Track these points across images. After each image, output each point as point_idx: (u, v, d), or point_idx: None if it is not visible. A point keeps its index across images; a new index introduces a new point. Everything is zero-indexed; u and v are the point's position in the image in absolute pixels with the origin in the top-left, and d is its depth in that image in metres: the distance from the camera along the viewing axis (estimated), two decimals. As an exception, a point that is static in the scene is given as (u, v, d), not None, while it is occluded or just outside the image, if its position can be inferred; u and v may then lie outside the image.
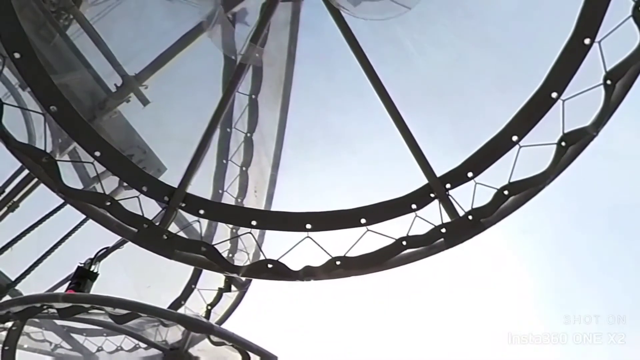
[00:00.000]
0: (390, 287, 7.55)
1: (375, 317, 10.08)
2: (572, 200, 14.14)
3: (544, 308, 18.93)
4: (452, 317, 10.50)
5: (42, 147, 3.41)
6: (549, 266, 16.53)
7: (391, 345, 10.82)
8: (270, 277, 3.22)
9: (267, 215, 3.43)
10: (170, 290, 6.16)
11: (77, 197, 3.62)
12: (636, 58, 3.28)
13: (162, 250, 3.58)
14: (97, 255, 5.04)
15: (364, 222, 3.21)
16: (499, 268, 14.74)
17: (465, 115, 4.65)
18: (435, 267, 3.89)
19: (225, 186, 4.67)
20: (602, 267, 17.69)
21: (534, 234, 14.36)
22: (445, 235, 3.14)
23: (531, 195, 3.42)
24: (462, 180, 3.31)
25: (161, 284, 6.18)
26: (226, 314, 5.21)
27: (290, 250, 3.25)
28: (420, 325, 9.90)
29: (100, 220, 3.65)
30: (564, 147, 3.50)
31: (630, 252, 14.12)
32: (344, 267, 3.11)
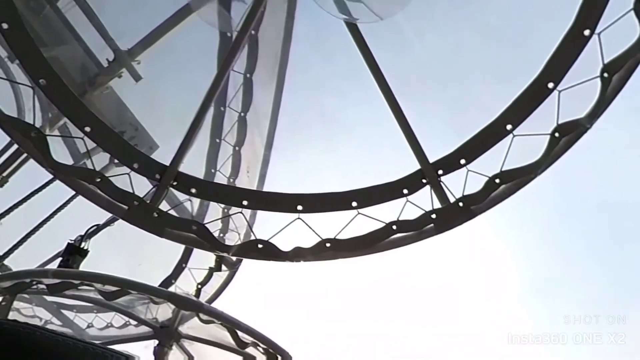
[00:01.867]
0: (378, 270, 7.65)
1: (363, 300, 10.21)
2: (562, 194, 14.29)
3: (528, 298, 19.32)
4: (438, 301, 10.67)
5: (32, 122, 3.35)
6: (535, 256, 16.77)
7: (378, 325, 11.01)
8: (260, 257, 3.22)
9: (259, 195, 3.42)
10: (161, 269, 6.18)
11: (67, 172, 3.58)
12: (634, 52, 3.27)
13: (153, 228, 3.56)
14: (87, 232, 5.01)
15: (355, 205, 3.21)
16: (487, 255, 14.98)
17: (462, 102, 4.63)
18: (425, 252, 3.93)
19: (218, 166, 4.64)
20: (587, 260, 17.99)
21: (523, 224, 14.57)
22: (435, 221, 3.15)
23: (522, 184, 3.44)
24: (454, 167, 3.32)
25: (152, 262, 6.19)
26: (216, 293, 5.24)
27: (281, 231, 3.25)
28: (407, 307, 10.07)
29: (90, 196, 3.61)
30: (557, 138, 3.51)
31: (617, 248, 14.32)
32: (333, 249, 3.13)
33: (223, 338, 4.58)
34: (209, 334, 4.81)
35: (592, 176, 14.25)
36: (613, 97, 3.52)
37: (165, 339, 4.75)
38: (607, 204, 15.05)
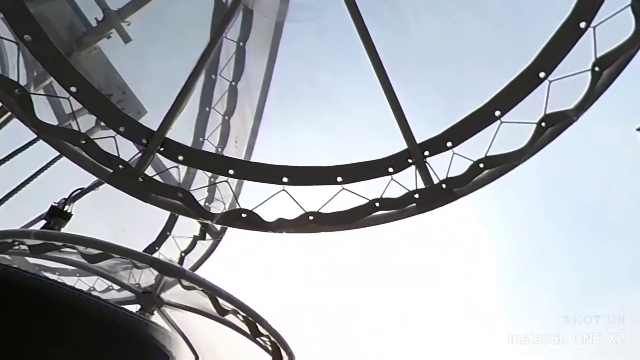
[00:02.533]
0: (363, 244, 7.84)
1: (345, 272, 10.48)
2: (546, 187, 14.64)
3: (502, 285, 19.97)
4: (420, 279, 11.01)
5: (15, 79, 3.26)
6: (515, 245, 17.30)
7: (358, 298, 11.34)
8: (244, 227, 3.25)
9: (245, 165, 3.42)
10: (144, 236, 6.19)
11: (51, 133, 3.52)
12: (627, 48, 3.30)
13: (138, 193, 3.55)
14: (71, 195, 4.98)
15: (340, 180, 3.23)
16: (469, 241, 15.38)
17: (454, 86, 4.64)
18: (414, 234, 3.98)
19: (206, 135, 4.61)
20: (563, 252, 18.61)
21: (506, 214, 14.92)
22: (417, 201, 3.20)
23: (506, 170, 3.50)
24: (440, 149, 3.35)
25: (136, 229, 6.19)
26: (199, 261, 5.29)
27: (265, 202, 3.28)
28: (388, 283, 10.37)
29: (74, 158, 3.57)
30: (543, 127, 3.56)
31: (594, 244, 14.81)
32: (316, 222, 3.17)
33: (205, 306, 4.65)
34: (191, 302, 4.88)
35: (577, 172, 14.58)
36: (601, 91, 3.56)
37: (147, 304, 4.81)
38: (589, 199, 15.48)
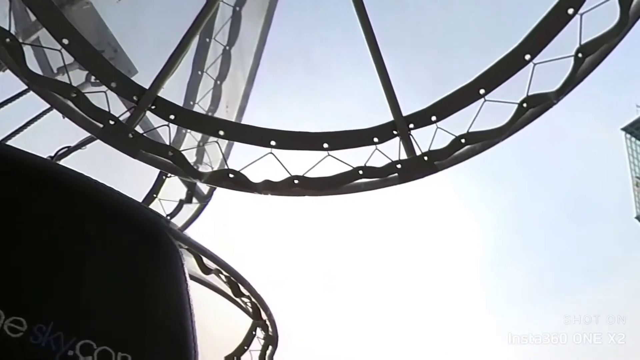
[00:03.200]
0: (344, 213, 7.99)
1: (327, 244, 10.79)
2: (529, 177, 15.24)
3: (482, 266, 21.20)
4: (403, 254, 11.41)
5: (7, 28, 3.23)
6: (497, 228, 18.24)
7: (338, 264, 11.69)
8: (231, 187, 3.34)
9: (235, 127, 3.48)
10: (131, 198, 6.20)
11: (42, 84, 3.51)
12: (610, 37, 3.41)
13: (128, 149, 3.59)
14: (57, 153, 4.96)
15: (326, 146, 3.33)
16: (455, 223, 16.04)
17: (444, 62, 4.73)
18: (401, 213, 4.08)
19: (197, 98, 4.62)
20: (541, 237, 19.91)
21: (491, 200, 15.61)
22: (399, 171, 3.33)
23: (485, 147, 3.63)
24: (425, 122, 3.46)
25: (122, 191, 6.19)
26: (185, 224, 5.36)
27: (253, 165, 3.37)
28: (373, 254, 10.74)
29: (64, 111, 3.58)
30: (524, 108, 3.69)
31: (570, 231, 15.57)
32: (301, 186, 3.28)
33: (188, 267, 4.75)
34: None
35: (562, 164, 15.17)
36: (582, 77, 3.69)
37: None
38: (571, 190, 16.22)
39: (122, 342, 1.29)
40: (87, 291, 1.41)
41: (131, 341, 1.33)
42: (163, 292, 1.67)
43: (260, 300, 4.21)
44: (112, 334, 1.32)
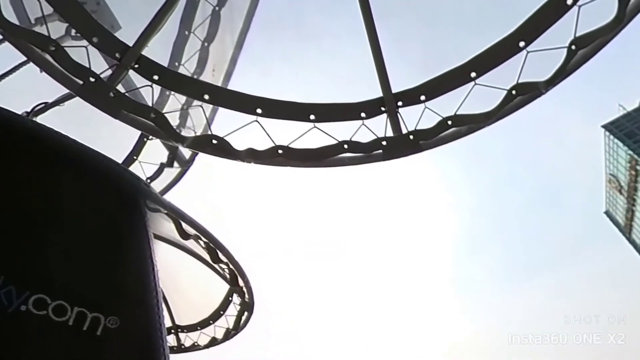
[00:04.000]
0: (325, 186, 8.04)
1: (306, 216, 10.90)
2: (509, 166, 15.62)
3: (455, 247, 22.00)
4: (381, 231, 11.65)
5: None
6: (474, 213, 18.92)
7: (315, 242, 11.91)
8: (214, 153, 3.29)
9: (221, 92, 3.39)
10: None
11: (19, 35, 3.34)
12: (605, 32, 3.41)
13: (108, 109, 3.48)
14: (34, 109, 4.79)
15: (312, 118, 3.29)
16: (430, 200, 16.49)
17: (438, 42, 4.67)
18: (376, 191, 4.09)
19: (183, 59, 4.46)
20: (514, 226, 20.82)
21: (471, 184, 16.07)
22: (384, 148, 3.32)
23: (471, 130, 3.65)
24: (414, 101, 3.45)
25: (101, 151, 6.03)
26: (165, 188, 5.29)
27: (237, 132, 3.31)
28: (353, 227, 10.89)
29: (42, 65, 3.42)
30: (513, 95, 3.70)
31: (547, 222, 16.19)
32: (285, 157, 3.25)
33: (168, 232, 4.73)
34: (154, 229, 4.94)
35: (543, 156, 15.60)
36: (573, 70, 3.71)
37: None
38: (550, 182, 16.80)
39: (79, 297, 1.27)
40: (48, 248, 1.38)
41: (89, 297, 1.31)
42: (126, 251, 1.65)
43: (238, 267, 4.24)
44: (68, 289, 1.30)
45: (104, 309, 1.31)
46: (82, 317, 1.25)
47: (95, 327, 1.26)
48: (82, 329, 1.24)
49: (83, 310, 1.25)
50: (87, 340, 1.23)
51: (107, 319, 1.31)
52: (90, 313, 1.27)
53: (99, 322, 1.28)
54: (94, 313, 1.27)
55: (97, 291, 1.39)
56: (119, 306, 1.39)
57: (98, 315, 1.26)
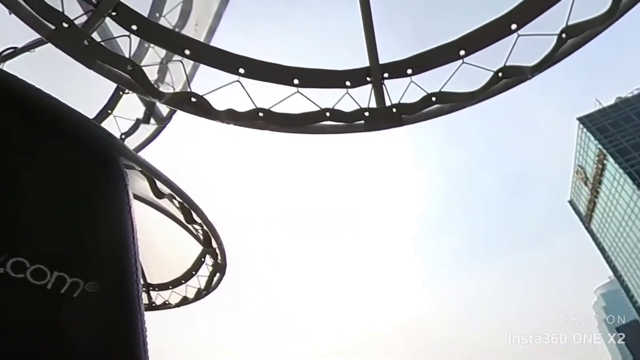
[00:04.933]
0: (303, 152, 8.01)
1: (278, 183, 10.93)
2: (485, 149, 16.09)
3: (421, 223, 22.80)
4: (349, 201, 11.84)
5: None
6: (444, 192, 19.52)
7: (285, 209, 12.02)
8: (192, 111, 3.19)
9: (203, 48, 3.24)
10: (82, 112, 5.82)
11: (-15, -28, 3.08)
12: (596, 23, 3.42)
13: (82, 57, 3.30)
14: (1, 54, 4.51)
15: (296, 82, 3.21)
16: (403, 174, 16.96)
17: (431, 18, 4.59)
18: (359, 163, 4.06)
19: (165, 11, 4.21)
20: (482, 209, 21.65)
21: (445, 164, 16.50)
22: (366, 119, 3.30)
23: (453, 109, 3.66)
24: (400, 74, 3.40)
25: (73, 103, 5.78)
26: (140, 145, 5.13)
27: (218, 91, 3.20)
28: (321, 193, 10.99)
29: (11, 6, 3.19)
30: (499, 77, 3.71)
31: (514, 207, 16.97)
32: (265, 120, 3.18)
33: (141, 190, 4.64)
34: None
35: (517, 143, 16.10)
36: (561, 58, 3.73)
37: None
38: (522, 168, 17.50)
39: (57, 261, 1.24)
40: (20, 208, 1.32)
41: (67, 260, 1.28)
42: (105, 213, 1.60)
43: (212, 228, 4.22)
44: (46, 252, 1.27)
45: (83, 272, 1.29)
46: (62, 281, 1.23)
47: (74, 290, 1.24)
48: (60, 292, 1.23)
49: (62, 274, 1.23)
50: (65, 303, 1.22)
51: (86, 284, 1.28)
52: (70, 278, 1.24)
53: (77, 286, 1.26)
54: (73, 278, 1.25)
55: (75, 255, 1.36)
56: (97, 269, 1.37)
57: (77, 280, 1.24)
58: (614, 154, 38.84)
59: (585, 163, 44.03)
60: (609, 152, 39.30)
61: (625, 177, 37.14)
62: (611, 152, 39.13)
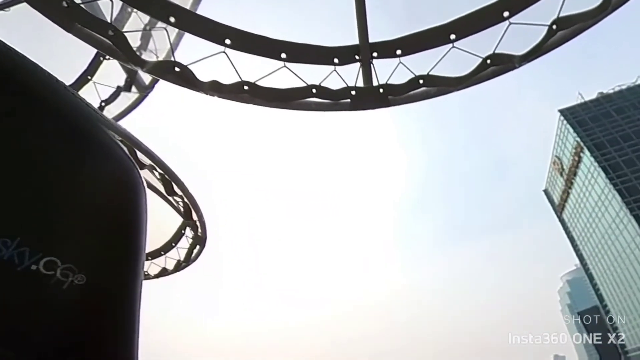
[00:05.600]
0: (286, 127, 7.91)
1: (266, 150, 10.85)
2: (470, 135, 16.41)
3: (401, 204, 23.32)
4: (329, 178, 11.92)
5: None
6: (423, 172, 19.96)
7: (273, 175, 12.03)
8: (175, 81, 3.09)
9: (188, 15, 3.11)
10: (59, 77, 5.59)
11: None
12: (587, 17, 3.44)
13: (60, 20, 3.14)
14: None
15: (284, 57, 3.14)
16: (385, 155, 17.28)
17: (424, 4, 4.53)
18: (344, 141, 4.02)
19: (149, -27, 4.02)
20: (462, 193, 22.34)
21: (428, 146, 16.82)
22: (352, 97, 3.27)
23: (440, 93, 3.67)
24: (389, 54, 3.37)
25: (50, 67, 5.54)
26: (121, 114, 4.98)
27: (202, 61, 3.11)
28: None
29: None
30: (487, 64, 3.73)
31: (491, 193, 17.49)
32: (250, 94, 3.12)
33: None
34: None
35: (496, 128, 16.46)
36: (549, 49, 3.76)
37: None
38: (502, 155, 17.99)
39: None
40: None
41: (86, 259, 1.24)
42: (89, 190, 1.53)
43: (193, 200, 4.20)
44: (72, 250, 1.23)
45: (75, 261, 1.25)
46: None
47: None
48: None
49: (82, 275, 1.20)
50: None
51: (76, 274, 1.25)
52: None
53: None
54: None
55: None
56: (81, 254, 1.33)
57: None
58: (591, 148, 39.93)
59: (563, 154, 45.18)
60: (586, 145, 40.35)
61: (599, 171, 38.34)
62: (588, 145, 40.20)
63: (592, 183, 40.59)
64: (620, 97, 42.15)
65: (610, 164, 38.09)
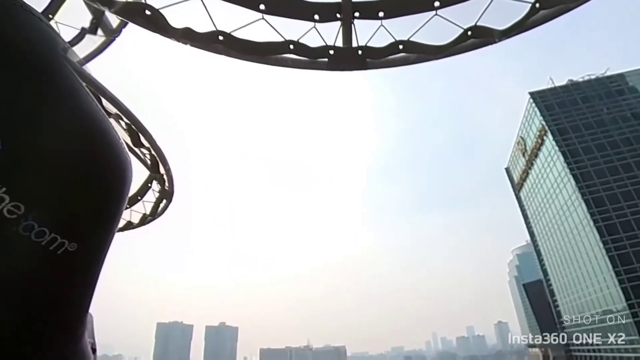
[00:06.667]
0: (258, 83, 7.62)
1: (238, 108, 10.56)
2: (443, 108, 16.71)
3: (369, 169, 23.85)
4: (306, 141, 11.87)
5: None
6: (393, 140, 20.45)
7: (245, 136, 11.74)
8: (145, 25, 2.90)
9: (162, -47, 2.90)
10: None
11: None
12: None
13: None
14: None
15: (262, 8, 3.00)
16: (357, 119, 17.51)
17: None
18: None
19: None
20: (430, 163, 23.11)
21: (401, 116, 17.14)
22: (330, 57, 3.20)
23: (418, 60, 3.66)
24: (371, 15, 3.29)
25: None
26: (85, 57, 4.64)
27: (175, 6, 2.93)
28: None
29: None
30: (467, 36, 3.74)
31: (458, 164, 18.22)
32: (225, 44, 2.99)
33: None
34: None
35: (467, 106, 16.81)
36: (529, 27, 3.81)
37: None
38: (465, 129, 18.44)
39: None
40: None
41: None
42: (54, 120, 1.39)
43: (160, 153, 4.07)
44: None
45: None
46: None
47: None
48: None
49: None
50: None
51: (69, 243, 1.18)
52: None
53: None
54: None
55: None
56: None
57: None
58: (554, 132, 41.47)
59: (527, 136, 46.80)
60: (550, 129, 41.86)
61: (559, 155, 40.07)
62: (552, 129, 41.71)
63: (550, 166, 42.51)
64: (588, 87, 43.62)
65: (569, 149, 39.82)
